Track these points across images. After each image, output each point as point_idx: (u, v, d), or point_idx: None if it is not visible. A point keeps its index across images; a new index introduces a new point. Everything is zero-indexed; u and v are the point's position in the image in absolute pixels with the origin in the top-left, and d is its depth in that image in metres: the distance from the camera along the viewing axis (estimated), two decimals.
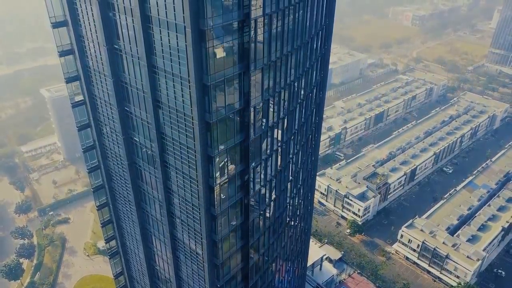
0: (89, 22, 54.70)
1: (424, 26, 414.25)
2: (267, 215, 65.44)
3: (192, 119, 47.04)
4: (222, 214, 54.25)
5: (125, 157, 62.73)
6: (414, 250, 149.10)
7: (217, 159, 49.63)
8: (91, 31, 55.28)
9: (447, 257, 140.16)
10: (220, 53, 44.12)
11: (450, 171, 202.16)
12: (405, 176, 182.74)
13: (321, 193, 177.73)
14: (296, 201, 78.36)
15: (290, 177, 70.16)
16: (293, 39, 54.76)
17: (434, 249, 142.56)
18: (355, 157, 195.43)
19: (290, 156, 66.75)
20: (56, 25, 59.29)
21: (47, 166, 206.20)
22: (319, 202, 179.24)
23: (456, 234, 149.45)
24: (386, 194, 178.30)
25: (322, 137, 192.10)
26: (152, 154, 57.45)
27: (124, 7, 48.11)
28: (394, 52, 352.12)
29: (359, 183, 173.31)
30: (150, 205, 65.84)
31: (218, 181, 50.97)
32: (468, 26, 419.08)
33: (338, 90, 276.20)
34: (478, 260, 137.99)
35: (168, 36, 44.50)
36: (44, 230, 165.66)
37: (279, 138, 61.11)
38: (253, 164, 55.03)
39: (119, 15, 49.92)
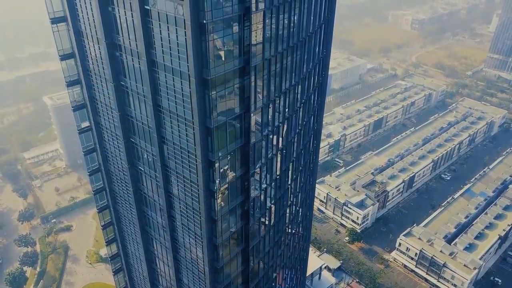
0: (96, 59, 57.01)
1: (423, 30, 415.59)
2: (267, 241, 67.77)
3: (196, 157, 49.36)
4: (223, 243, 56.60)
5: (130, 183, 65.08)
6: (412, 258, 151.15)
7: (219, 194, 51.93)
8: (98, 67, 57.58)
9: (444, 265, 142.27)
10: (222, 98, 46.38)
11: (448, 178, 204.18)
12: (403, 184, 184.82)
13: (321, 200, 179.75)
14: (295, 220, 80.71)
15: (289, 202, 72.57)
16: (291, 77, 57.08)
17: (432, 257, 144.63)
18: (354, 164, 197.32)
19: (289, 183, 69.12)
20: (64, 57, 61.53)
21: (49, 173, 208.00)
22: (319, 209, 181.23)
23: (454, 242, 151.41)
24: (385, 201, 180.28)
25: (322, 144, 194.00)
26: (157, 183, 59.80)
27: (131, 49, 50.39)
28: (394, 56, 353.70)
29: (358, 191, 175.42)
30: (154, 229, 68.24)
31: (219, 214, 53.30)
32: (467, 30, 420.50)
33: (337, 96, 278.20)
34: (474, 268, 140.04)
35: (173, 81, 46.81)
36: (47, 238, 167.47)
37: (278, 167, 63.39)
38: (253, 195, 57.37)
39: (125, 55, 52.22)
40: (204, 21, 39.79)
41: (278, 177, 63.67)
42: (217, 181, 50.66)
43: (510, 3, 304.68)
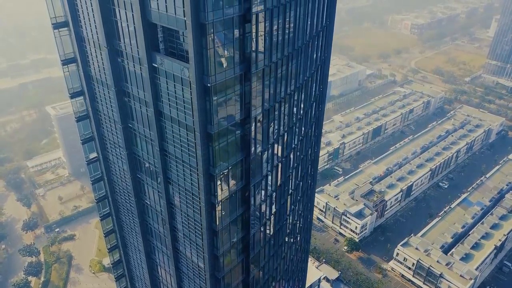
0: (105, 102, 60.03)
1: (422, 35, 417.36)
2: (266, 270, 70.81)
3: (199, 200, 52.41)
4: (225, 276, 59.69)
5: (136, 215, 68.12)
6: (409, 268, 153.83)
7: (221, 233, 55.02)
8: (107, 108, 60.56)
9: (441, 276, 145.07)
10: (224, 147, 49.40)
11: (446, 186, 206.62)
12: (401, 193, 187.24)
13: (320, 209, 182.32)
14: (294, 246, 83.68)
15: (287, 231, 75.65)
16: (289, 121, 60.20)
17: (429, 267, 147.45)
18: (353, 173, 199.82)
19: (287, 213, 72.23)
20: (73, 95, 64.50)
21: (52, 181, 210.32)
22: (318, 218, 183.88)
23: (450, 252, 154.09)
24: (383, 210, 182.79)
25: (321, 152, 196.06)
26: (162, 218, 62.87)
27: (139, 98, 53.38)
28: (393, 62, 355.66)
29: (356, 200, 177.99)
30: (158, 257, 71.40)
31: (221, 250, 56.42)
32: (466, 35, 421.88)
33: (336, 103, 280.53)
34: (470, 279, 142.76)
35: (179, 131, 49.82)
36: (50, 247, 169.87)
37: (277, 201, 66.45)
38: (253, 231, 60.48)
39: (133, 102, 55.18)
40: (208, 85, 42.79)
41: (276, 211, 66.76)
42: (219, 221, 53.69)
43: (508, 7, 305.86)
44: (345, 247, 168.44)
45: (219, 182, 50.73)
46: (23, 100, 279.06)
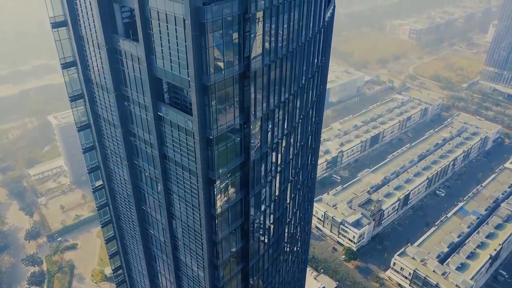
0: (112, 139, 62.86)
1: (420, 40, 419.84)
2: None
3: (201, 236, 55.28)
4: None
5: (141, 243, 70.97)
6: (406, 278, 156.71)
7: (222, 267, 57.95)
8: (113, 145, 63.42)
9: (437, 285, 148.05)
10: (225, 187, 52.24)
11: (443, 195, 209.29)
12: (398, 202, 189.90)
13: (318, 219, 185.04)
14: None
15: (286, 256, 78.52)
16: (286, 157, 63.11)
17: (425, 277, 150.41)
18: (351, 181, 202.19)
19: (285, 241, 75.13)
20: (81, 129, 67.35)
21: (54, 189, 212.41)
22: (316, 227, 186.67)
23: (446, 262, 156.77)
24: (380, 219, 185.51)
25: (320, 161, 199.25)
26: (166, 248, 65.74)
27: (144, 139, 56.23)
28: (391, 67, 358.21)
29: (354, 209, 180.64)
30: (161, 281, 74.26)
31: (221, 283, 59.30)
32: (464, 40, 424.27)
33: (335, 109, 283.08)
34: None
35: (183, 174, 52.66)
36: (53, 257, 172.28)
37: (272, 234, 69.42)
38: (252, 262, 63.42)
39: (139, 142, 57.99)
40: (211, 137, 45.61)
41: (274, 241, 69.64)
42: (219, 255, 56.54)
43: (506, 12, 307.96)
44: (343, 256, 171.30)
45: (219, 221, 53.58)
46: (24, 107, 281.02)
